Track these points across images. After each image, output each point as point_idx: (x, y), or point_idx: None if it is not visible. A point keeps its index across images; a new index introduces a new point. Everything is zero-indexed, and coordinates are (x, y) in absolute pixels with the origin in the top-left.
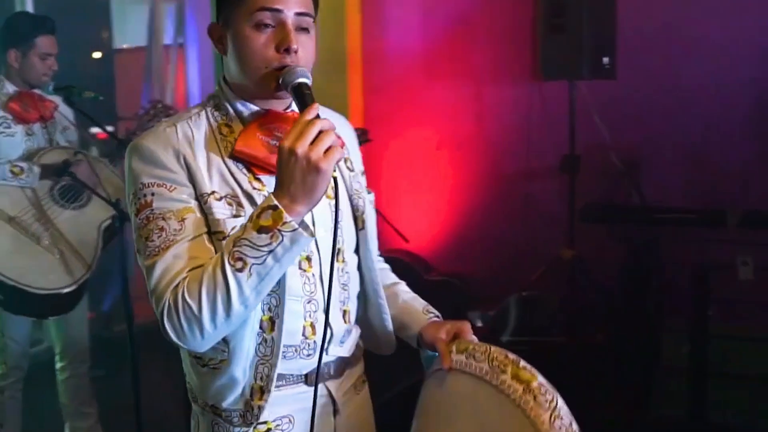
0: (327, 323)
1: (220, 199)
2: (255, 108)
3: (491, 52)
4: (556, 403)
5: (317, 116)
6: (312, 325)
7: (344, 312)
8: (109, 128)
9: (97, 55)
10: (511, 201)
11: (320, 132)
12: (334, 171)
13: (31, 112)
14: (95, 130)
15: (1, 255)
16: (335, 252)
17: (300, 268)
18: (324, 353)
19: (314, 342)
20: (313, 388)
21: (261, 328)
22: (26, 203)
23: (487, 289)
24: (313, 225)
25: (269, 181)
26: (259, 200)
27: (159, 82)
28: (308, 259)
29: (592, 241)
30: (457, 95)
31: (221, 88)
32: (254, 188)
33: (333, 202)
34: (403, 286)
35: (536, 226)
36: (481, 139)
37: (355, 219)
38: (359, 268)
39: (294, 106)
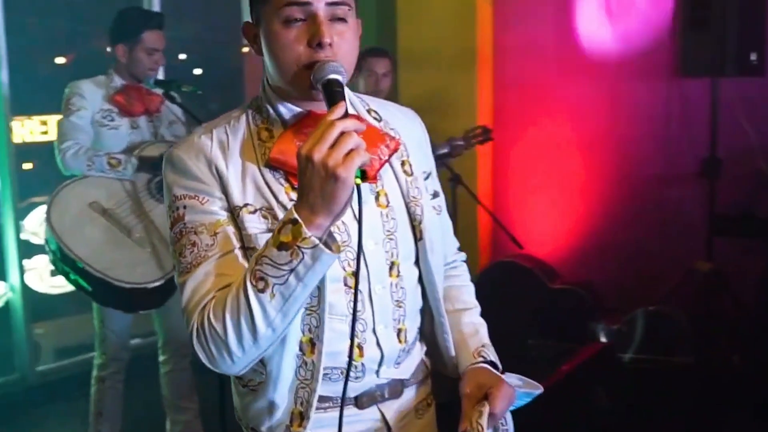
0: (353, 344)
1: (255, 211)
2: (297, 109)
3: (627, 47)
4: None
5: (345, 115)
6: (359, 347)
7: (399, 331)
8: None
9: (224, 54)
10: (645, 207)
11: (342, 134)
12: (359, 178)
13: (135, 105)
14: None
15: (91, 246)
16: (359, 271)
17: (345, 284)
18: (375, 375)
19: (362, 364)
20: (365, 412)
21: (301, 350)
22: (123, 196)
23: (614, 301)
24: (360, 237)
25: None
26: None
27: None
28: (354, 274)
29: (731, 253)
30: (591, 92)
31: (263, 89)
32: (291, 200)
33: (387, 211)
34: (470, 314)
35: (671, 235)
36: (615, 139)
37: (413, 228)
38: (420, 281)
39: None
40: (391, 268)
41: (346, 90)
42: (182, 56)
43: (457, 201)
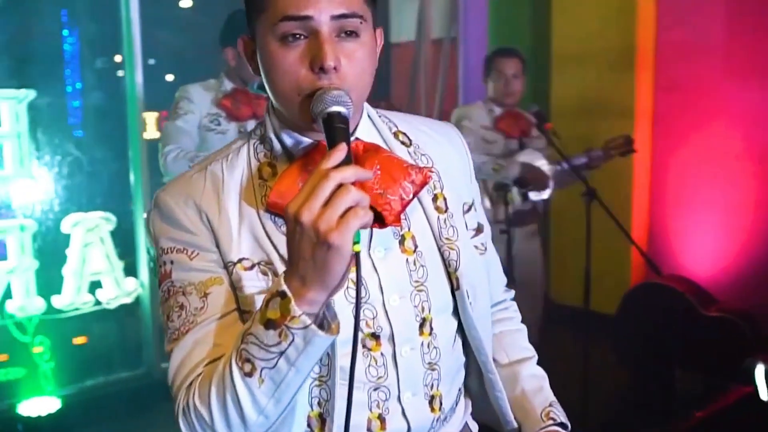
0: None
1: (252, 267)
2: (305, 140)
3: None
4: None
5: (348, 161)
6: (380, 418)
7: (432, 398)
8: None
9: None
10: None
11: (338, 188)
12: (358, 243)
13: (242, 109)
14: None
15: None
16: (356, 344)
17: (364, 346)
18: None
19: None
20: None
21: (309, 425)
22: None
23: None
24: (381, 291)
25: None
26: None
27: (427, 78)
28: (375, 336)
29: None
30: (764, 96)
31: (268, 114)
32: None
33: (414, 257)
34: (530, 366)
35: None
36: None
37: (449, 276)
38: (461, 332)
39: (360, 133)
40: (422, 326)
41: (368, 111)
42: None
43: (590, 218)
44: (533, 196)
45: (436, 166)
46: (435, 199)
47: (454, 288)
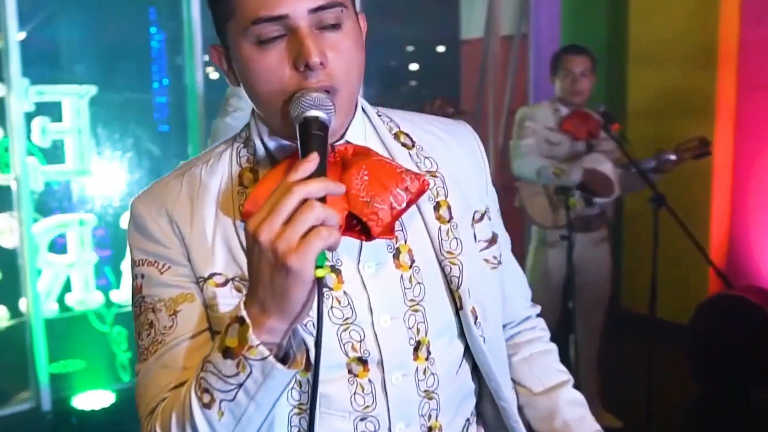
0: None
1: (225, 282)
2: (291, 143)
3: None
4: None
5: (317, 174)
6: None
7: (429, 429)
8: None
9: (440, 48)
10: None
11: (303, 203)
12: (321, 267)
13: None
14: None
15: None
16: (316, 386)
17: (350, 372)
18: None
19: None
20: None
21: None
22: None
23: None
24: (371, 311)
25: None
26: None
27: (495, 75)
28: (362, 361)
29: None
30: None
31: (253, 117)
32: None
33: (410, 273)
34: (568, 391)
35: None
36: None
37: (451, 294)
38: (468, 355)
39: (352, 134)
40: (416, 349)
41: (364, 109)
42: (408, 48)
43: (658, 224)
44: (597, 199)
45: (441, 171)
46: (437, 207)
47: (458, 308)
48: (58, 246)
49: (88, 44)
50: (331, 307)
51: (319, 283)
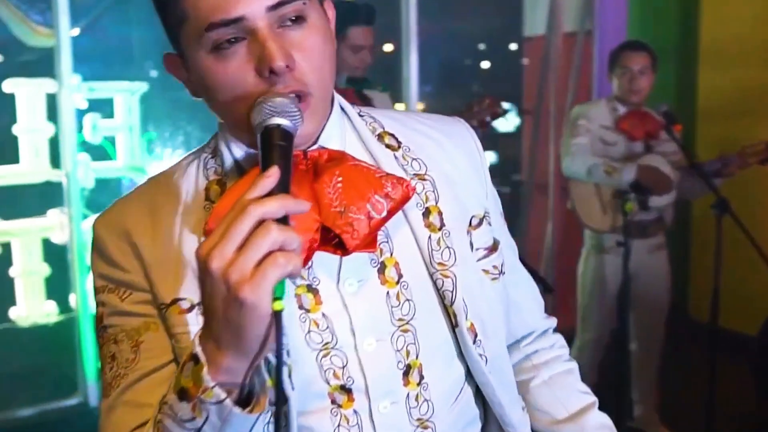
0: None
1: (191, 308)
2: (254, 153)
3: None
4: None
5: (278, 190)
6: None
7: None
8: None
9: (513, 46)
10: None
11: (259, 226)
12: (279, 299)
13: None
14: None
15: None
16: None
17: (333, 402)
18: None
19: None
20: None
21: None
22: None
23: None
24: (353, 334)
25: None
26: None
27: (556, 73)
28: (345, 389)
29: None
30: None
31: (220, 124)
32: None
33: (397, 289)
34: (594, 415)
35: None
36: None
37: (445, 310)
38: (470, 377)
39: (327, 138)
40: (406, 374)
41: (343, 109)
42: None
43: (722, 232)
44: (653, 202)
45: (431, 173)
46: (426, 214)
47: (454, 325)
48: None
49: (141, 41)
50: (309, 332)
51: (278, 317)
